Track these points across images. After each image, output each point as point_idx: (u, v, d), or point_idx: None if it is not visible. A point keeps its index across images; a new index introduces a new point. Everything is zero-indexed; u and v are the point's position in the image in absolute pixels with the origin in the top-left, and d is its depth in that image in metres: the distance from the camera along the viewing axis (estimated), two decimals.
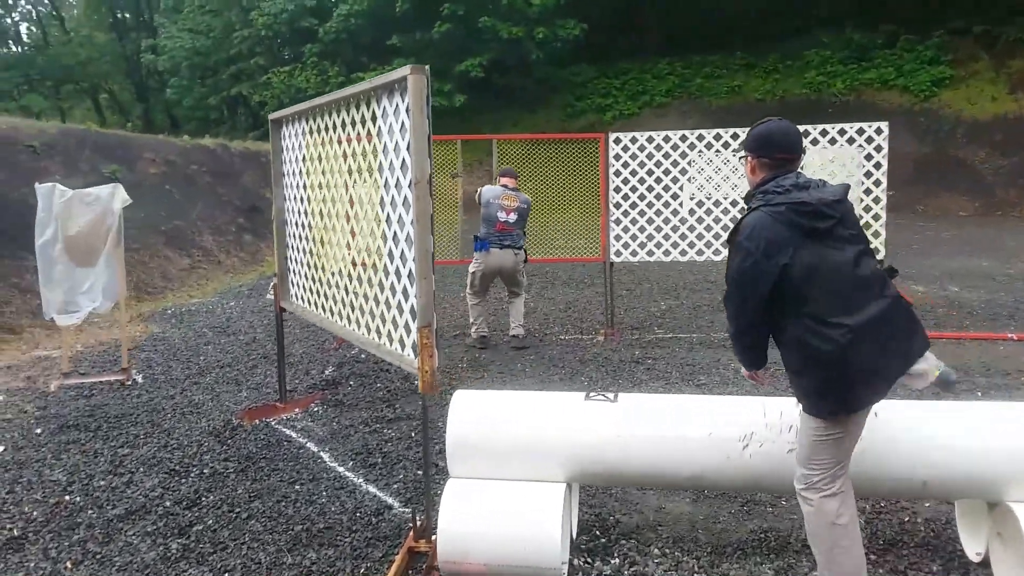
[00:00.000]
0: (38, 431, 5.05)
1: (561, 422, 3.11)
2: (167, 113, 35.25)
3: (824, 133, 6.98)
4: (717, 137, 7.17)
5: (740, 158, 2.48)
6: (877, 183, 6.90)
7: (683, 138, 7.27)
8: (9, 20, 35.46)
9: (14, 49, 34.91)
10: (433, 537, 3.10)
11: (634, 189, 7.35)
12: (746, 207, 2.80)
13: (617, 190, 7.37)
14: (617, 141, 7.33)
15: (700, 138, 7.18)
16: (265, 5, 26.51)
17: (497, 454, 3.10)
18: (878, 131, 6.84)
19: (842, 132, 6.94)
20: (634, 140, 7.29)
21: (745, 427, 2.98)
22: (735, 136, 7.05)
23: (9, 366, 6.68)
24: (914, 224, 17.44)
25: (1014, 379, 5.66)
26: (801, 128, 6.86)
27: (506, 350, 6.97)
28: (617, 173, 7.35)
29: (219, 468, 4.32)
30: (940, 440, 2.84)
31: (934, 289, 9.53)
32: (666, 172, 7.30)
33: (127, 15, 37.94)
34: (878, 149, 6.84)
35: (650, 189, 7.32)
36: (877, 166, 6.88)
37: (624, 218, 7.38)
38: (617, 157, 7.33)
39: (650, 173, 7.31)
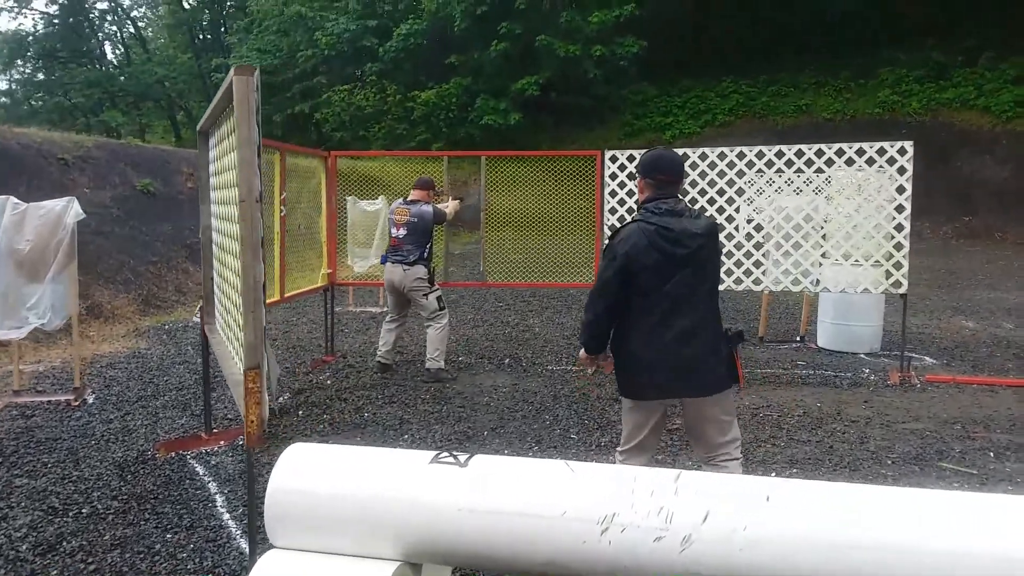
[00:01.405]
0: None
1: (396, 489, 2.59)
2: None
3: (840, 153, 6.26)
4: (741, 156, 6.50)
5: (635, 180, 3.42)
6: (900, 209, 6.12)
7: (704, 156, 6.65)
8: (95, 40, 37.07)
9: (98, 68, 36.43)
10: None
11: (631, 211, 6.77)
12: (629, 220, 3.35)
13: (613, 211, 6.80)
14: (614, 159, 6.77)
15: (703, 157, 6.55)
16: (329, 25, 26.86)
17: (322, 523, 2.60)
18: (901, 151, 6.06)
19: (860, 152, 6.21)
20: (632, 158, 6.72)
21: (607, 506, 2.40)
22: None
23: None
24: (989, 252, 16.22)
25: None
26: (815, 148, 6.24)
27: (483, 379, 6.47)
28: (613, 193, 6.79)
29: (101, 508, 3.96)
30: (847, 539, 2.21)
31: (985, 326, 8.58)
32: (683, 193, 6.67)
33: (208, 36, 39.25)
34: (901, 171, 6.07)
35: None
36: (900, 190, 6.11)
37: None
38: (613, 176, 6.78)
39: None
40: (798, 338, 7.92)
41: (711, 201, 6.54)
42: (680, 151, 6.68)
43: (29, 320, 5.74)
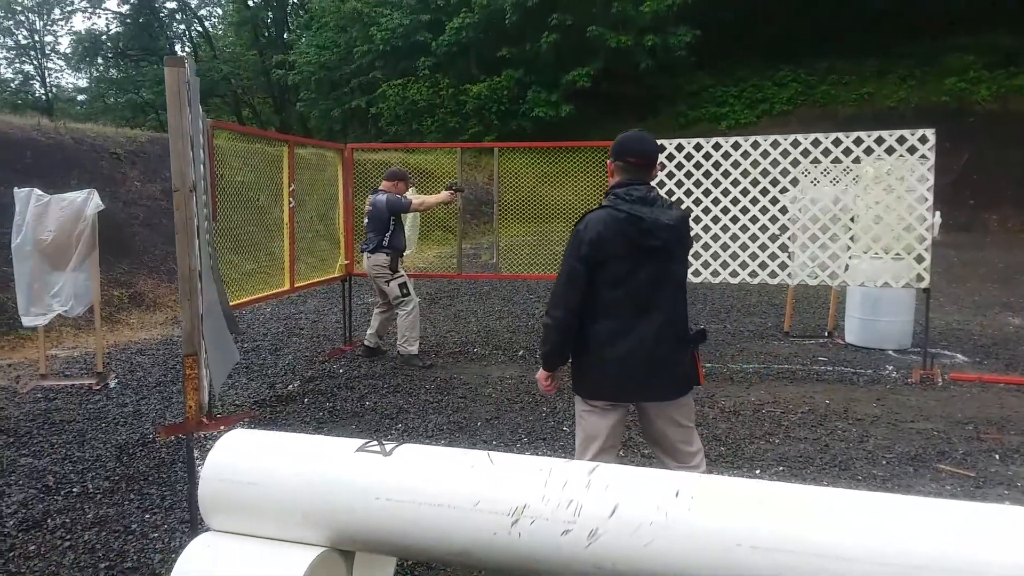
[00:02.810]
0: None
1: (321, 476, 2.62)
2: (302, 125, 36.88)
3: (859, 142, 6.04)
4: (761, 145, 6.33)
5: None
6: (922, 199, 5.87)
7: (717, 146, 6.50)
8: (164, 39, 38.36)
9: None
10: None
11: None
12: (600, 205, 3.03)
13: None
14: None
15: (716, 147, 6.40)
16: (384, 21, 27.20)
17: (251, 507, 2.65)
18: (923, 139, 5.81)
19: (880, 141, 5.97)
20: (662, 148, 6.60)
21: (518, 498, 2.38)
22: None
23: (11, 363, 6.88)
24: None
25: None
26: (831, 136, 6.02)
27: (492, 370, 6.47)
28: None
29: (92, 487, 4.12)
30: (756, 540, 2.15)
31: None
32: (697, 184, 6.53)
33: (272, 32, 40.21)
34: (923, 160, 5.82)
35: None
36: (921, 180, 5.85)
37: None
38: None
39: (679, 184, 6.55)
40: (826, 333, 7.68)
41: (725, 192, 6.40)
42: (714, 139, 6.59)
43: (52, 307, 5.99)
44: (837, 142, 6.07)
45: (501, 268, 7.75)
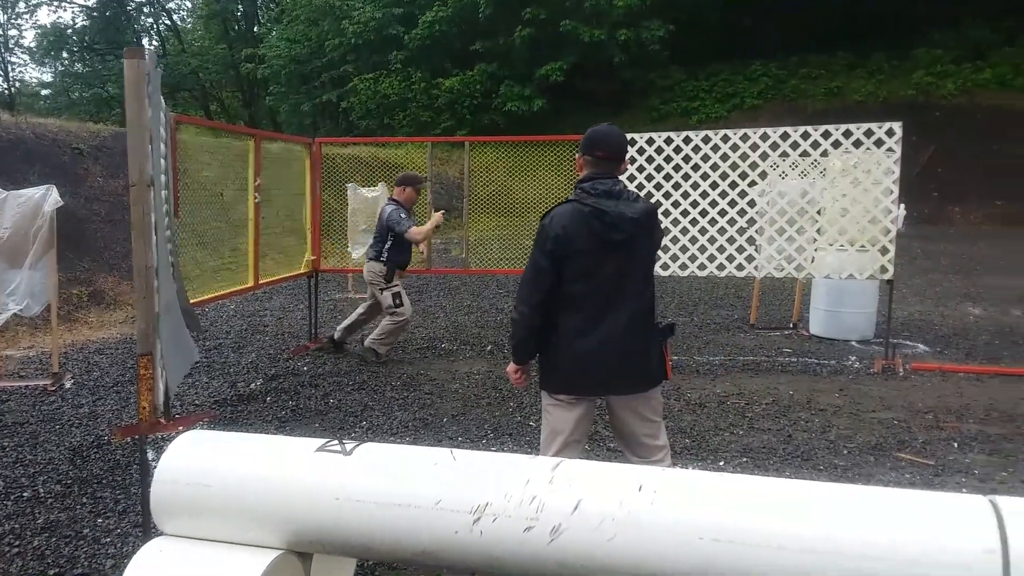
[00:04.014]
0: None
1: (279, 477, 2.55)
2: (272, 120, 36.43)
3: (827, 135, 6.05)
4: (725, 139, 6.32)
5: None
6: (888, 192, 5.91)
7: (688, 140, 6.47)
8: (131, 32, 37.67)
9: None
10: None
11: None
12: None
13: None
14: None
15: (687, 140, 6.38)
16: (355, 14, 26.92)
17: (206, 510, 2.57)
18: (889, 133, 5.84)
19: (847, 134, 6.00)
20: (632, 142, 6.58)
21: (480, 496, 2.33)
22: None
23: None
24: (1019, 238, 15.67)
25: (1015, 429, 4.62)
26: (800, 130, 6.04)
27: (459, 366, 6.41)
28: None
29: (43, 492, 4.00)
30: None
31: (992, 312, 8.32)
32: (667, 177, 6.50)
33: (242, 25, 39.62)
34: (889, 153, 5.86)
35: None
36: (888, 173, 5.89)
37: None
38: None
39: (649, 178, 6.52)
40: (791, 325, 7.72)
41: (695, 186, 6.39)
42: (661, 133, 6.57)
43: (8, 307, 5.82)
44: (806, 135, 6.09)
45: (470, 263, 7.68)
